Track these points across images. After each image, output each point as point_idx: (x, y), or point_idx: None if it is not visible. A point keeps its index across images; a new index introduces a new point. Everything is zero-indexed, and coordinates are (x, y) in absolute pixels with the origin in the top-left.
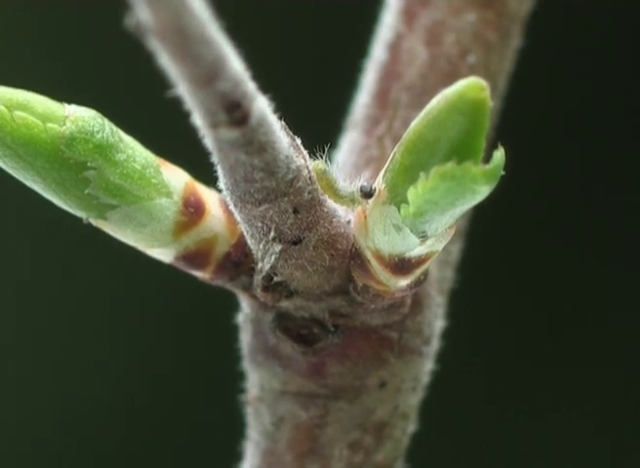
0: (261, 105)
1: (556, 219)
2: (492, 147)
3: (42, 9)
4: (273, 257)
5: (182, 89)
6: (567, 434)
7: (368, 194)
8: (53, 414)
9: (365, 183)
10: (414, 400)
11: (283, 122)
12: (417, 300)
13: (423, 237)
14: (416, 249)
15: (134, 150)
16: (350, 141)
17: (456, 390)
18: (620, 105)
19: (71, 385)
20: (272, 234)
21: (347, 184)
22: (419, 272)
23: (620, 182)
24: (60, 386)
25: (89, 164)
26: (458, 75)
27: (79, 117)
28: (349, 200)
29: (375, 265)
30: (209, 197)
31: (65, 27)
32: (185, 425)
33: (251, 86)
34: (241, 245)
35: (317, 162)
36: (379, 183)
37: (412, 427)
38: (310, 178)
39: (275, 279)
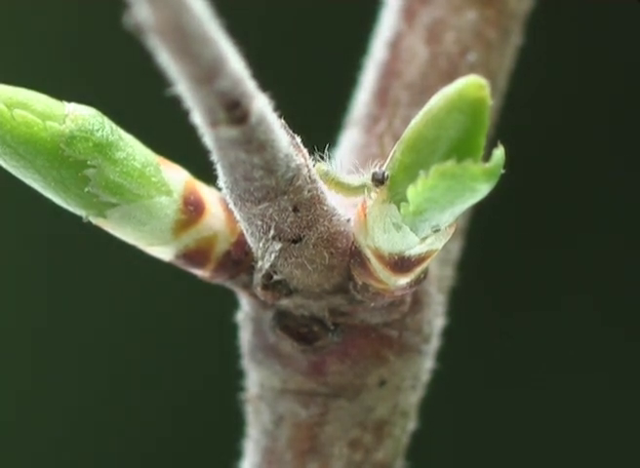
0: (261, 104)
1: (556, 218)
2: (492, 146)
3: (42, 7)
4: (273, 256)
5: (182, 87)
6: (568, 433)
7: (380, 180)
8: (50, 415)
9: (377, 170)
10: (413, 398)
11: (283, 120)
12: (416, 299)
13: (423, 235)
14: (415, 247)
15: (133, 148)
16: (350, 140)
17: (456, 388)
18: (621, 103)
19: (69, 384)
20: (272, 232)
21: (355, 176)
22: (418, 270)
23: (622, 181)
24: (58, 385)
25: (89, 162)
26: (458, 73)
27: (79, 115)
28: (361, 189)
29: (374, 264)
30: (209, 195)
31: (65, 26)
32: (185, 423)
33: (250, 84)
34: (241, 243)
35: (319, 164)
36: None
37: (412, 425)
38: (310, 177)
39: (275, 277)
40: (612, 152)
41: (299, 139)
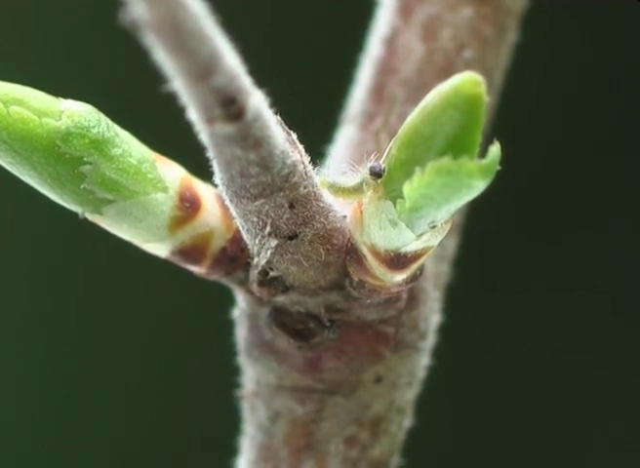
0: (257, 100)
1: (553, 214)
2: (487, 142)
3: (40, 6)
4: (269, 252)
5: (178, 84)
6: (566, 431)
7: (378, 173)
8: (48, 414)
9: (374, 164)
10: (410, 395)
11: (278, 117)
12: (413, 295)
13: (419, 232)
14: (411, 244)
15: (129, 145)
16: (346, 136)
17: (452, 385)
18: (618, 100)
19: (67, 382)
20: (268, 229)
21: (352, 175)
22: (414, 267)
23: (619, 177)
24: (56, 383)
25: (85, 159)
26: (453, 70)
27: (75, 112)
28: (362, 187)
29: (370, 260)
30: (205, 192)
31: (62, 22)
32: (182, 420)
33: (246, 81)
34: (237, 240)
35: (322, 179)
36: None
37: (408, 422)
38: (306, 173)
39: (271, 274)
40: (609, 149)
41: (295, 136)
